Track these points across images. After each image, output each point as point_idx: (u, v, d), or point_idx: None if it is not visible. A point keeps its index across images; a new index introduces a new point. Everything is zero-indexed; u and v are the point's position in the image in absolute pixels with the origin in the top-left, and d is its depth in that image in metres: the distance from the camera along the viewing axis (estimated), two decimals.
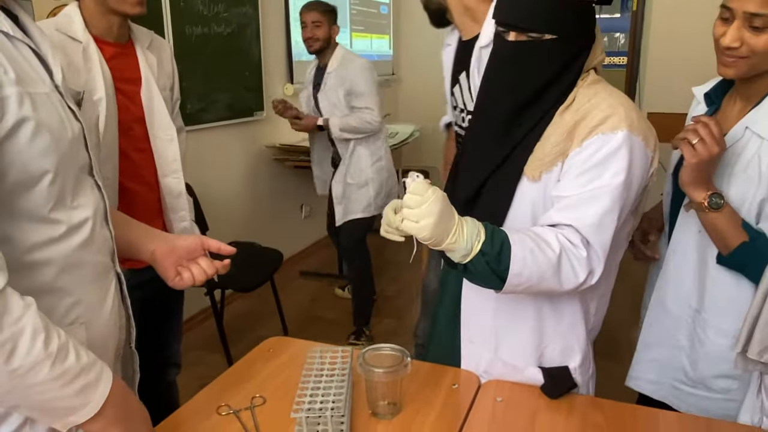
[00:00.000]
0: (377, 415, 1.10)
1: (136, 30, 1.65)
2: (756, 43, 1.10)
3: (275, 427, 1.07)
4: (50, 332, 0.74)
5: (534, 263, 0.97)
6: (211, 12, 3.11)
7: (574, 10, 1.03)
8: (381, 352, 1.12)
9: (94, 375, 0.80)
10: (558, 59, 1.06)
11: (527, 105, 1.08)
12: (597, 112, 1.03)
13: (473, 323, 1.21)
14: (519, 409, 1.12)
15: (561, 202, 1.03)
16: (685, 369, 1.28)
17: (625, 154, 1.00)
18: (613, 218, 1.01)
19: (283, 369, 1.26)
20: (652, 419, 1.09)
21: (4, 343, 0.68)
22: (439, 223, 0.91)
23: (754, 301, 0.97)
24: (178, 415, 1.12)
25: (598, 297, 1.18)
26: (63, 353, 0.75)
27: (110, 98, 1.51)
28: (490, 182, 1.12)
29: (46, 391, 0.74)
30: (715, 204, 1.12)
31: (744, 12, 1.09)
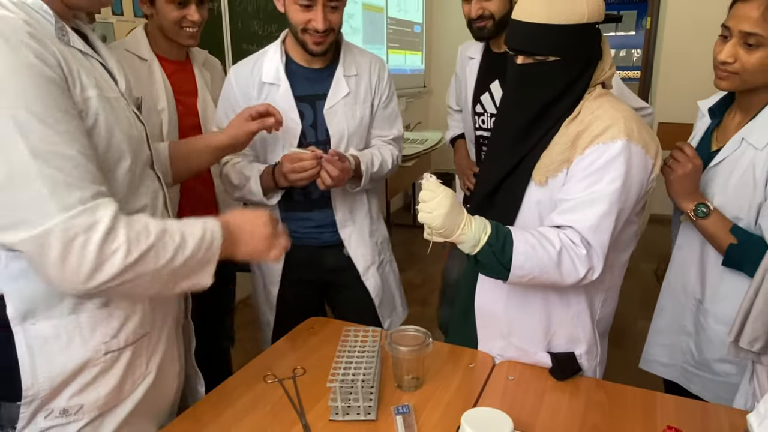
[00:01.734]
0: (402, 387, 1.11)
1: (193, 49, 1.69)
2: (748, 60, 1.09)
3: (313, 395, 1.09)
4: (170, 229, 0.82)
5: (535, 257, 0.98)
6: (264, 32, 3.16)
7: (577, 33, 1.02)
8: (406, 333, 1.14)
9: (209, 236, 0.86)
10: (562, 79, 1.06)
11: (535, 120, 1.09)
12: (599, 123, 1.02)
13: (487, 313, 1.21)
14: (529, 387, 1.12)
15: (564, 204, 1.03)
16: (692, 352, 1.27)
17: (623, 162, 0.99)
18: (611, 220, 1.00)
19: (321, 345, 1.29)
20: (649, 400, 1.07)
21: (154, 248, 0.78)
22: (448, 215, 0.96)
23: (746, 295, 0.95)
24: (231, 382, 1.15)
25: (604, 291, 1.16)
26: (179, 232, 0.83)
27: (171, 108, 1.56)
28: (502, 186, 1.13)
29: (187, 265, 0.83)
30: (700, 213, 1.14)
31: (740, 30, 1.09)
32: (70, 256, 0.71)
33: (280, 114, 1.28)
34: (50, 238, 0.70)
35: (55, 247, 0.70)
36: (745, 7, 1.08)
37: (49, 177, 0.71)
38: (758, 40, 1.07)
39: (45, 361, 0.82)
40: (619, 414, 1.03)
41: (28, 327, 0.81)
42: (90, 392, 0.87)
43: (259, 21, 3.13)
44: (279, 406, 1.06)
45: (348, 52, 1.48)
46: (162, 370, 0.98)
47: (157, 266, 0.79)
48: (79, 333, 0.84)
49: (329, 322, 1.41)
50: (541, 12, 1.00)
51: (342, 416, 1.01)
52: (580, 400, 1.07)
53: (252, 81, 1.43)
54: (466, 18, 1.70)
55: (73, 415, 0.86)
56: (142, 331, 0.92)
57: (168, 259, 0.80)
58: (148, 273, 0.78)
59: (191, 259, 0.83)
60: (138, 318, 0.91)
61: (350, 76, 1.46)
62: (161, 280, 0.82)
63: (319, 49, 1.36)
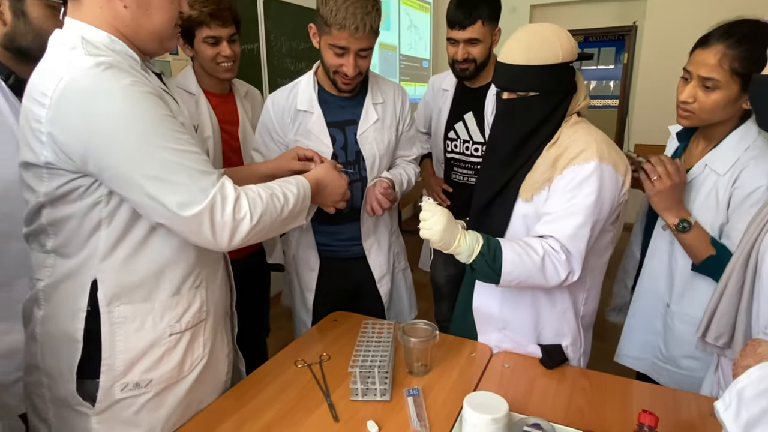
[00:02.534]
0: (412, 373, 1.11)
1: (236, 83, 1.70)
2: (705, 101, 1.08)
3: (336, 378, 1.10)
4: (275, 192, 0.92)
5: (522, 264, 0.99)
6: (295, 68, 3.21)
7: (552, 72, 1.02)
8: (416, 326, 1.14)
9: (303, 191, 0.98)
10: (541, 110, 1.06)
11: (520, 145, 1.10)
12: (574, 147, 1.03)
13: (484, 311, 1.21)
14: (522, 374, 1.11)
15: (546, 217, 1.04)
16: (660, 349, 1.25)
17: (595, 179, 0.99)
18: (587, 229, 1.00)
19: (343, 335, 1.29)
20: (627, 387, 1.06)
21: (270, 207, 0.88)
22: (445, 231, 0.98)
23: (713, 298, 0.94)
24: (267, 366, 1.16)
25: (586, 291, 1.16)
26: (281, 192, 0.93)
27: (216, 135, 1.57)
28: (495, 201, 1.13)
29: (292, 210, 0.94)
30: (682, 228, 1.10)
31: (698, 75, 1.08)
32: (216, 227, 0.81)
33: (322, 159, 1.25)
34: (203, 214, 0.79)
35: (206, 221, 0.79)
36: (704, 54, 1.07)
37: (188, 167, 0.78)
38: (715, 84, 1.06)
39: (122, 340, 0.84)
40: (601, 399, 1.02)
41: (113, 309, 0.84)
42: (157, 369, 0.88)
43: (291, 59, 3.18)
44: (308, 387, 1.07)
45: (374, 83, 1.46)
46: (214, 352, 1.00)
47: (272, 220, 0.89)
48: (151, 317, 0.87)
49: (350, 315, 1.41)
50: (521, 55, 1.02)
51: (361, 397, 1.02)
52: (566, 386, 1.07)
53: (287, 108, 1.42)
54: (451, 58, 1.68)
55: (143, 387, 0.88)
56: (199, 317, 0.94)
57: (278, 214, 0.90)
58: (266, 226, 0.88)
59: (293, 211, 0.94)
60: (197, 306, 0.93)
61: (378, 104, 1.44)
62: (275, 227, 0.92)
63: (347, 89, 1.35)
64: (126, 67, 0.78)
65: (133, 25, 0.82)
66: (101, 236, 0.82)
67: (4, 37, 0.98)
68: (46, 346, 0.85)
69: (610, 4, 4.64)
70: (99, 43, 0.79)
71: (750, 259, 0.88)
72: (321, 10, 1.22)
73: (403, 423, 0.95)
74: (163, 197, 0.76)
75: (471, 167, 1.79)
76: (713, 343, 0.93)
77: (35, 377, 0.88)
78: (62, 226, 0.82)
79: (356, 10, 1.18)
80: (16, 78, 1.00)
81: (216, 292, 0.99)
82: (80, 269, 0.83)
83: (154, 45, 0.86)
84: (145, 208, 0.79)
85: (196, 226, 0.79)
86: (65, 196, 0.80)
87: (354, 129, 1.41)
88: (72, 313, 0.83)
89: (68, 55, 0.75)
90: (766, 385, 0.55)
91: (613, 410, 0.98)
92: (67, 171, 0.77)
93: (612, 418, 0.96)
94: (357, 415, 0.97)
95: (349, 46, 1.23)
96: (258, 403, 1.02)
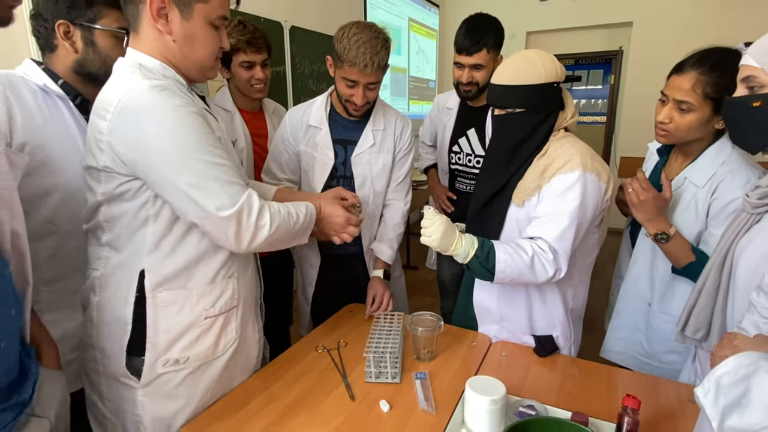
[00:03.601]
0: (419, 359, 1.12)
1: (265, 101, 1.72)
2: (681, 121, 1.07)
3: (353, 362, 1.11)
4: (290, 210, 0.93)
5: (513, 263, 1.00)
6: (317, 88, 3.24)
7: (537, 91, 1.03)
8: (423, 317, 1.15)
9: (309, 215, 0.99)
10: (527, 125, 1.07)
11: (511, 155, 1.10)
12: (560, 158, 1.04)
13: (483, 306, 1.22)
14: (518, 362, 1.11)
15: (536, 221, 1.04)
16: (643, 345, 1.23)
17: (579, 187, 1.00)
18: (572, 231, 1.01)
19: (358, 324, 1.30)
20: (613, 375, 1.05)
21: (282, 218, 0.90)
22: (443, 237, 1.00)
23: (691, 295, 0.93)
24: (291, 350, 1.18)
25: (573, 286, 1.15)
26: (294, 211, 0.94)
27: (249, 148, 1.59)
28: (490, 206, 1.14)
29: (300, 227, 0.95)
30: (659, 239, 1.08)
31: (674, 98, 1.07)
32: (241, 230, 0.83)
33: (358, 200, 1.24)
34: (230, 219, 0.81)
35: (233, 224, 0.82)
36: (679, 80, 1.06)
37: (219, 178, 0.81)
38: (689, 107, 1.05)
39: (164, 321, 0.87)
40: (588, 384, 1.02)
41: (157, 294, 0.86)
42: (194, 348, 0.91)
43: (314, 80, 3.22)
44: (327, 369, 1.08)
45: (379, 110, 1.45)
46: (245, 337, 1.02)
47: (285, 233, 0.91)
48: (189, 302, 0.89)
49: (364, 308, 1.41)
50: (508, 77, 1.04)
51: (374, 379, 1.03)
52: (557, 373, 1.07)
53: (301, 123, 1.41)
54: (456, 80, 1.67)
55: (182, 364, 0.90)
56: (230, 304, 0.95)
57: (289, 229, 0.92)
58: (280, 237, 0.90)
59: (299, 230, 0.96)
60: (229, 294, 0.95)
61: (378, 130, 1.43)
62: (285, 240, 0.94)
63: (356, 114, 1.36)
64: (175, 89, 0.81)
65: (180, 57, 0.85)
66: (148, 232, 0.85)
67: (75, 63, 1.01)
68: (101, 327, 0.88)
69: (599, 31, 4.61)
70: (153, 68, 0.83)
71: (726, 261, 0.87)
72: (336, 47, 1.24)
73: (412, 403, 0.96)
74: (199, 200, 0.79)
75: (473, 178, 1.80)
76: (691, 336, 0.93)
77: (90, 354, 0.90)
78: (116, 222, 0.85)
79: (366, 50, 1.20)
80: (82, 99, 1.03)
81: (246, 284, 1.01)
82: (130, 260, 0.86)
83: (197, 74, 0.90)
84: (182, 209, 0.81)
85: (224, 227, 0.81)
86: (119, 197, 0.83)
87: (352, 148, 1.42)
88: (123, 299, 0.86)
89: (128, 78, 0.79)
90: (742, 373, 0.55)
91: (600, 395, 0.98)
92: (121, 174, 0.81)
93: (599, 402, 0.95)
94: (371, 395, 0.98)
95: (359, 81, 1.25)
96: (284, 383, 1.03)
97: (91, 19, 0.98)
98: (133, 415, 0.88)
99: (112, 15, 1.00)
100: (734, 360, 0.57)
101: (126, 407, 0.89)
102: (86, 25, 0.98)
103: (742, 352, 0.58)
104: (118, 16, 1.00)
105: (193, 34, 0.84)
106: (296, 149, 1.43)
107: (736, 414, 0.54)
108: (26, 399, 0.70)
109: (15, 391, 0.69)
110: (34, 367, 0.76)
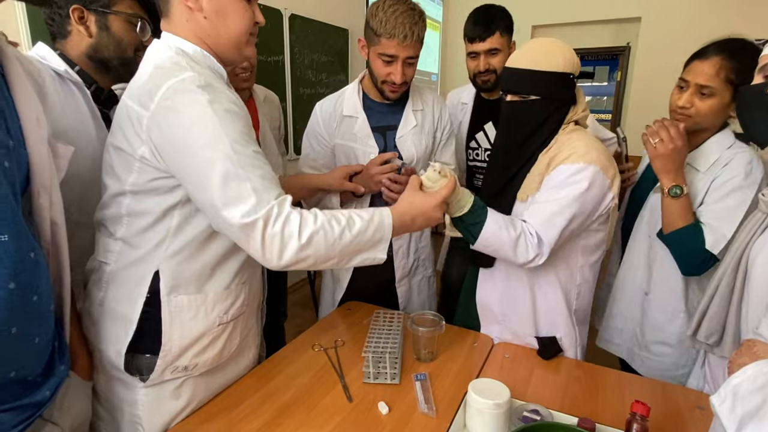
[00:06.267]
0: (420, 359, 1.10)
1: (256, 88, 1.68)
2: (702, 106, 1.10)
3: (350, 361, 1.09)
4: (337, 215, 0.81)
5: (499, 236, 0.98)
6: (317, 79, 3.20)
7: (553, 79, 1.02)
8: (425, 317, 1.13)
9: (377, 219, 0.84)
10: (540, 114, 1.06)
11: (518, 148, 1.09)
12: (565, 151, 1.03)
13: (485, 306, 1.20)
14: (521, 364, 1.10)
15: (531, 207, 1.04)
16: (637, 335, 1.24)
17: (580, 178, 0.98)
18: (561, 219, 0.99)
19: (356, 323, 1.28)
20: (619, 379, 1.04)
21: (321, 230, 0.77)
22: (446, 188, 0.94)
23: (704, 298, 0.92)
24: (285, 349, 1.16)
25: (577, 286, 1.13)
26: (345, 219, 0.80)
27: None
28: (496, 199, 1.11)
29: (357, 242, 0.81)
30: (673, 193, 1.08)
31: (696, 83, 1.10)
32: (265, 240, 0.74)
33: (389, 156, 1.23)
34: (256, 225, 0.72)
35: (259, 232, 0.73)
36: (703, 65, 1.09)
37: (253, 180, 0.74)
38: (711, 91, 1.08)
39: (179, 327, 0.85)
40: (594, 388, 1.00)
41: (172, 299, 0.84)
42: (203, 354, 0.89)
43: (313, 70, 3.18)
44: (324, 369, 1.06)
45: (415, 91, 1.42)
46: (247, 341, 1.01)
47: (328, 243, 0.77)
48: (204, 307, 0.87)
49: (363, 305, 1.40)
50: (526, 61, 1.03)
51: (373, 379, 1.01)
52: (562, 376, 1.05)
53: (334, 115, 1.37)
54: (472, 72, 1.64)
55: (190, 370, 0.88)
56: (241, 310, 0.93)
57: (336, 238, 0.78)
58: (321, 249, 0.77)
59: (359, 237, 0.81)
60: (241, 300, 0.93)
61: (417, 111, 1.40)
62: (336, 252, 0.79)
63: (394, 97, 1.32)
64: (219, 86, 0.78)
65: (214, 35, 0.83)
66: (170, 234, 0.82)
67: (89, 48, 1.01)
68: (103, 324, 0.85)
69: (607, 26, 4.58)
70: (195, 56, 0.81)
71: (740, 263, 0.85)
72: (371, 22, 1.21)
73: (411, 405, 0.94)
74: (226, 204, 0.73)
75: None
76: (704, 341, 0.91)
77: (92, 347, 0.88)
78: (138, 217, 0.81)
79: (405, 20, 1.17)
80: (97, 86, 1.03)
81: (254, 288, 0.99)
82: (146, 258, 0.82)
83: (234, 52, 0.86)
84: (209, 212, 0.76)
85: (247, 234, 0.74)
86: (149, 192, 0.80)
87: (393, 134, 1.38)
88: (131, 297, 0.83)
89: (173, 67, 0.77)
90: (761, 382, 0.53)
91: (606, 400, 0.96)
92: (156, 169, 0.78)
93: (605, 407, 0.94)
94: (369, 396, 0.97)
95: (398, 54, 1.21)
96: (279, 382, 1.01)
97: (105, 4, 0.99)
98: (131, 416, 0.86)
99: (126, 2, 1.01)
100: (753, 368, 0.55)
101: (124, 407, 0.87)
102: (100, 10, 0.99)
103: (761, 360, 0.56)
104: (132, 3, 1.02)
105: (223, 7, 0.81)
106: (331, 144, 1.38)
107: (754, 424, 0.53)
108: (41, 400, 0.68)
109: (30, 390, 0.67)
110: (65, 366, 0.74)
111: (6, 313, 0.59)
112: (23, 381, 0.66)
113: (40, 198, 0.69)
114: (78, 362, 0.85)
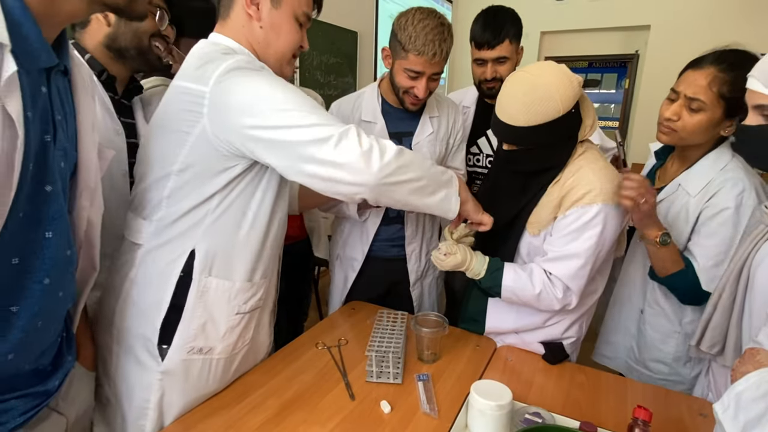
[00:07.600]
0: (422, 360, 1.11)
1: None
2: (689, 120, 1.05)
3: (353, 360, 1.10)
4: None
5: (519, 292, 1.04)
6: (325, 80, 3.23)
7: (555, 125, 0.93)
8: (428, 318, 1.14)
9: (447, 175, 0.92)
10: (537, 162, 1.01)
11: (523, 187, 1.06)
12: (579, 188, 0.98)
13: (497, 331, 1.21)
14: (523, 368, 1.10)
15: (549, 254, 1.03)
16: (633, 350, 1.23)
17: (598, 222, 0.96)
18: (586, 270, 1.00)
19: (360, 322, 1.29)
20: (620, 384, 1.04)
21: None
22: (458, 264, 1.06)
23: (707, 309, 0.92)
24: (290, 346, 1.16)
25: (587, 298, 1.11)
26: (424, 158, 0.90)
27: None
28: (500, 236, 1.09)
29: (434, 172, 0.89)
30: (663, 242, 1.04)
31: (686, 95, 1.04)
32: (363, 144, 0.78)
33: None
34: (349, 134, 0.78)
35: (353, 138, 0.78)
36: (695, 75, 1.03)
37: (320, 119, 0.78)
38: (700, 105, 1.02)
39: (202, 308, 0.87)
40: (596, 393, 1.00)
41: (203, 279, 0.86)
42: (219, 341, 0.91)
43: (321, 72, 3.21)
44: (327, 367, 1.07)
45: (432, 97, 1.39)
46: (259, 338, 1.02)
47: (416, 163, 0.84)
48: (228, 294, 0.89)
49: (366, 305, 1.41)
50: (520, 118, 0.93)
51: (375, 379, 1.02)
52: (564, 380, 1.05)
53: (352, 118, 1.36)
54: (478, 79, 1.58)
55: (205, 354, 0.90)
56: (258, 304, 0.96)
57: (423, 164, 0.86)
58: (414, 160, 0.84)
59: (432, 173, 0.88)
60: (260, 294, 0.95)
61: (434, 117, 1.38)
62: (425, 173, 0.86)
63: (414, 109, 1.31)
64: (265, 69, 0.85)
65: (264, 44, 0.89)
66: (209, 213, 0.84)
67: (107, 37, 1.02)
68: (129, 304, 0.87)
69: (615, 33, 4.58)
70: (241, 54, 0.86)
71: (742, 274, 0.85)
72: (399, 35, 1.18)
73: (414, 405, 0.94)
74: (314, 138, 0.76)
75: None
76: (707, 351, 0.91)
77: (106, 332, 0.90)
78: (179, 202, 0.83)
79: (435, 37, 1.14)
80: (108, 75, 1.04)
81: (272, 286, 1.01)
82: (183, 237, 0.85)
83: (275, 66, 0.91)
84: (295, 155, 0.78)
85: (342, 146, 0.77)
86: (195, 175, 0.82)
87: (409, 140, 1.37)
88: (164, 278, 0.85)
89: (224, 56, 0.81)
90: (764, 390, 0.54)
91: (608, 404, 0.96)
92: (209, 145, 0.80)
93: (607, 412, 0.94)
94: (371, 395, 0.97)
95: (425, 71, 1.19)
96: (282, 379, 1.02)
97: None
98: (141, 400, 0.87)
99: None
100: (756, 376, 0.56)
101: (136, 391, 0.88)
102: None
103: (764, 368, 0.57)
104: None
105: (279, 24, 0.88)
106: None
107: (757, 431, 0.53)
108: (50, 389, 0.70)
109: (42, 379, 0.69)
110: (72, 357, 0.76)
111: (37, 308, 0.61)
112: (36, 370, 0.68)
113: (82, 198, 0.71)
114: (82, 352, 0.86)
